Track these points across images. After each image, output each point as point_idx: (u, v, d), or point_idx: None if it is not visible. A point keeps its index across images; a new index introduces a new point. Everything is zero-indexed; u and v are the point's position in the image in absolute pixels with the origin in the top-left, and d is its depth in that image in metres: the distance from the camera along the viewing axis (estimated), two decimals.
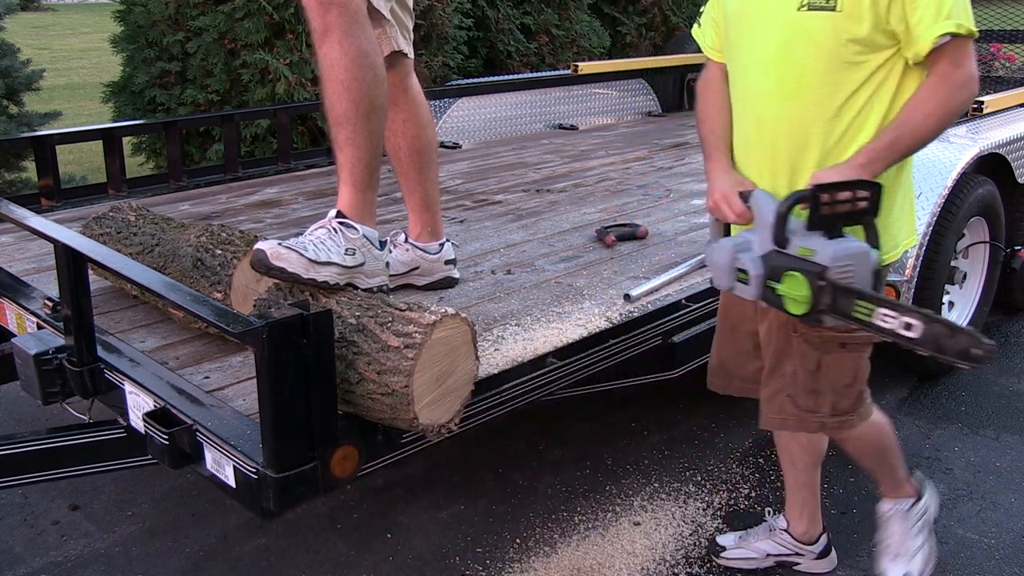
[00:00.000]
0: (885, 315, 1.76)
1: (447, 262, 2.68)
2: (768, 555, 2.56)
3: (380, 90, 2.17)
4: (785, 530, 2.55)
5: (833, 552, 2.58)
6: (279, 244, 1.95)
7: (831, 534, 2.59)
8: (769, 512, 2.68)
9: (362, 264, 2.07)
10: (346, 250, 2.04)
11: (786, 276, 1.90)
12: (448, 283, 2.67)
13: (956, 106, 1.90)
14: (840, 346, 2.07)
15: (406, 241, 2.63)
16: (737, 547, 2.59)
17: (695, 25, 2.31)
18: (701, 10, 2.27)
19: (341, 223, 2.10)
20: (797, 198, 1.91)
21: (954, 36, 1.86)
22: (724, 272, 2.05)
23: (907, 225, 2.13)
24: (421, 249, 2.63)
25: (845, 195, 1.87)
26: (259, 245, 1.95)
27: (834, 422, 2.16)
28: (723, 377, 2.40)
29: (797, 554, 2.54)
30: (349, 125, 2.10)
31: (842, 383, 2.12)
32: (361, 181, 2.16)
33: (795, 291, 1.88)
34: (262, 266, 1.93)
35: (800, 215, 1.93)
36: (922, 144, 1.93)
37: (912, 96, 1.93)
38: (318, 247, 1.99)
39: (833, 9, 1.90)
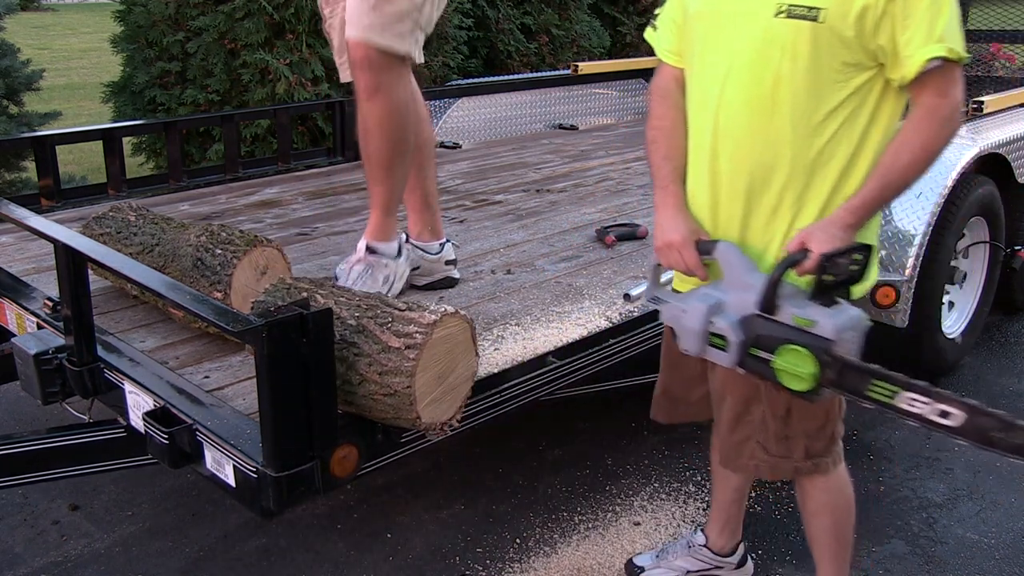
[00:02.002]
0: (913, 400, 1.61)
1: (447, 262, 2.68)
2: (688, 572, 2.49)
3: (415, 128, 2.46)
4: (704, 545, 2.48)
5: (750, 561, 2.54)
6: None
7: (747, 543, 2.54)
8: (688, 529, 2.63)
9: (392, 282, 2.51)
10: (383, 279, 2.46)
11: (784, 349, 1.74)
12: (448, 283, 2.68)
13: (943, 143, 1.75)
14: None
15: (407, 241, 2.63)
16: (656, 567, 2.52)
17: (648, 28, 2.08)
18: (656, 12, 2.06)
19: (373, 257, 2.45)
20: (790, 262, 1.76)
21: (945, 61, 1.70)
22: (694, 336, 1.86)
23: (875, 263, 1.97)
24: (422, 249, 2.63)
25: (844, 260, 1.77)
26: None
27: (808, 465, 2.04)
28: (667, 406, 2.27)
29: (717, 567, 2.49)
30: (389, 165, 2.40)
31: (814, 426, 2.00)
32: (392, 207, 2.46)
33: (799, 367, 1.72)
34: None
35: (790, 279, 1.79)
36: (908, 187, 1.79)
37: (897, 136, 1.78)
38: (367, 285, 2.40)
39: (815, 20, 1.71)
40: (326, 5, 2.60)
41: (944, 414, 1.60)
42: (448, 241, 2.71)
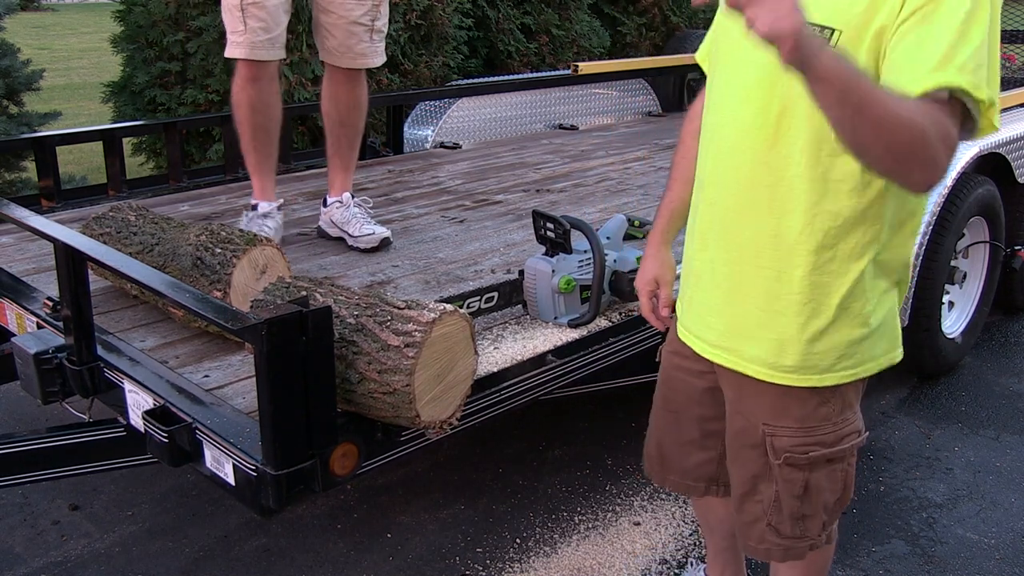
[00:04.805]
0: (469, 303, 2.34)
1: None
2: None
3: None
4: None
5: None
6: None
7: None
8: (692, 564, 2.58)
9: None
10: (362, 212, 3.16)
11: None
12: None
13: (924, 137, 1.33)
14: (827, 462, 1.72)
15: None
16: None
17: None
18: None
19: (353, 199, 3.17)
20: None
21: (951, 96, 1.37)
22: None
23: (883, 339, 1.71)
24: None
25: (549, 226, 2.31)
26: None
27: (823, 539, 1.81)
28: (660, 466, 2.03)
29: None
30: (359, 136, 3.22)
31: (833, 499, 1.77)
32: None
33: None
34: None
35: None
36: (875, 121, 1.31)
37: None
38: (357, 219, 3.12)
39: (827, 40, 1.43)
40: None
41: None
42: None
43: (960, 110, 1.40)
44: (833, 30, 1.44)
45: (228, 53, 2.98)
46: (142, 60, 5.58)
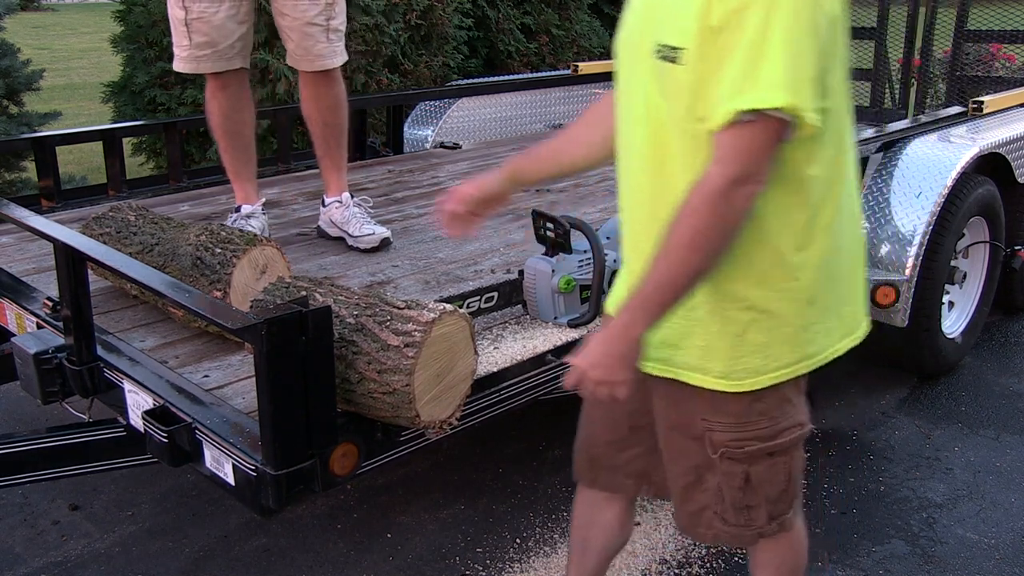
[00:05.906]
0: (469, 303, 2.40)
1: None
2: None
3: None
4: None
5: None
6: None
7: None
8: None
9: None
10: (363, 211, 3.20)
11: None
12: None
13: (715, 232, 1.44)
14: (767, 455, 1.73)
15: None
16: None
17: None
18: None
19: (352, 199, 3.18)
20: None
21: (759, 115, 1.38)
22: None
23: (818, 335, 1.67)
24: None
25: (549, 226, 2.36)
26: None
27: (773, 527, 1.82)
28: (589, 466, 1.96)
29: None
30: (344, 134, 3.21)
31: (776, 491, 1.78)
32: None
33: None
34: None
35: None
36: (686, 287, 1.49)
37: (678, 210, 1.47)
38: (365, 219, 3.15)
39: (674, 61, 1.46)
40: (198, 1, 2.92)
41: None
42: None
43: (776, 121, 1.40)
44: (682, 49, 1.45)
45: (174, 66, 3.07)
46: (142, 60, 5.58)
